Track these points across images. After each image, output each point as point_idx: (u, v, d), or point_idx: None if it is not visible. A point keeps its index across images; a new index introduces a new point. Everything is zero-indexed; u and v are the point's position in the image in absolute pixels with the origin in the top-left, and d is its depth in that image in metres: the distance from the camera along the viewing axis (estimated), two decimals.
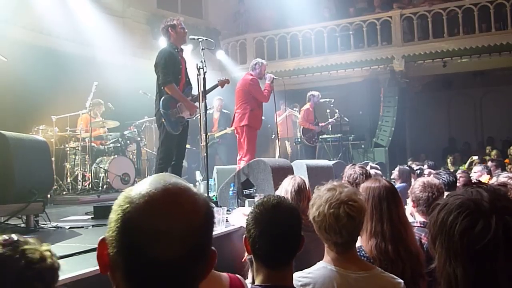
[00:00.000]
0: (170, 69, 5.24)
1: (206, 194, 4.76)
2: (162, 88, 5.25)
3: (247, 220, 1.90)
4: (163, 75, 5.21)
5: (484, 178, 5.76)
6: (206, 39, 5.59)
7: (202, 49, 5.41)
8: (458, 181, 4.50)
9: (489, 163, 7.36)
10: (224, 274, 1.88)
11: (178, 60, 5.37)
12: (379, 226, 2.31)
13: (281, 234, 1.81)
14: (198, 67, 5.20)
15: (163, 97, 5.23)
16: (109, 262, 0.86)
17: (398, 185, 5.79)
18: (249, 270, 2.10)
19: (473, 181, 4.54)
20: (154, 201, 0.84)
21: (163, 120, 5.21)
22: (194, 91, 5.52)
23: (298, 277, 1.90)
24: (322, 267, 1.92)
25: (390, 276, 1.93)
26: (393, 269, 2.15)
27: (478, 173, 6.00)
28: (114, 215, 0.86)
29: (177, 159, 5.41)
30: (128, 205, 0.85)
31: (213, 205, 4.68)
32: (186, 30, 5.53)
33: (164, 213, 0.84)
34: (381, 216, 2.34)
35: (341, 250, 1.92)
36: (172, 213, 0.85)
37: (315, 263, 2.07)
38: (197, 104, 5.37)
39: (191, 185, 0.93)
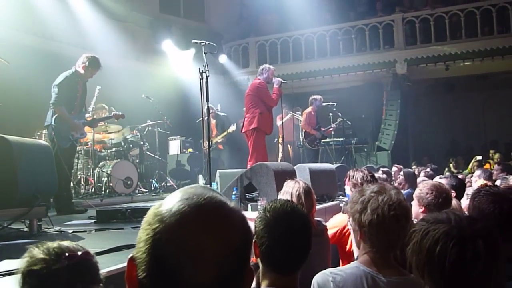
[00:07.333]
0: (63, 92, 5.77)
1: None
2: (51, 107, 5.81)
3: (256, 224, 1.87)
4: (55, 96, 5.75)
5: (480, 183, 5.58)
6: (208, 43, 5.63)
7: (204, 53, 5.44)
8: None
9: (495, 167, 7.23)
10: None
11: (75, 87, 5.95)
12: None
13: (295, 244, 1.79)
14: (201, 71, 5.21)
15: (56, 115, 5.73)
16: (138, 285, 0.79)
17: (405, 191, 5.30)
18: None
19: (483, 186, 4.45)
20: (186, 220, 0.77)
21: (53, 133, 5.66)
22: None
23: (330, 272, 1.86)
24: (355, 267, 1.88)
25: None
26: None
27: (476, 178, 5.85)
28: (143, 235, 0.79)
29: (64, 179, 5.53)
30: (158, 224, 0.78)
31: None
32: (94, 75, 6.09)
33: (198, 233, 0.76)
34: None
35: (387, 253, 1.88)
36: (206, 233, 0.77)
37: (318, 267, 2.06)
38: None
39: (226, 199, 0.84)
